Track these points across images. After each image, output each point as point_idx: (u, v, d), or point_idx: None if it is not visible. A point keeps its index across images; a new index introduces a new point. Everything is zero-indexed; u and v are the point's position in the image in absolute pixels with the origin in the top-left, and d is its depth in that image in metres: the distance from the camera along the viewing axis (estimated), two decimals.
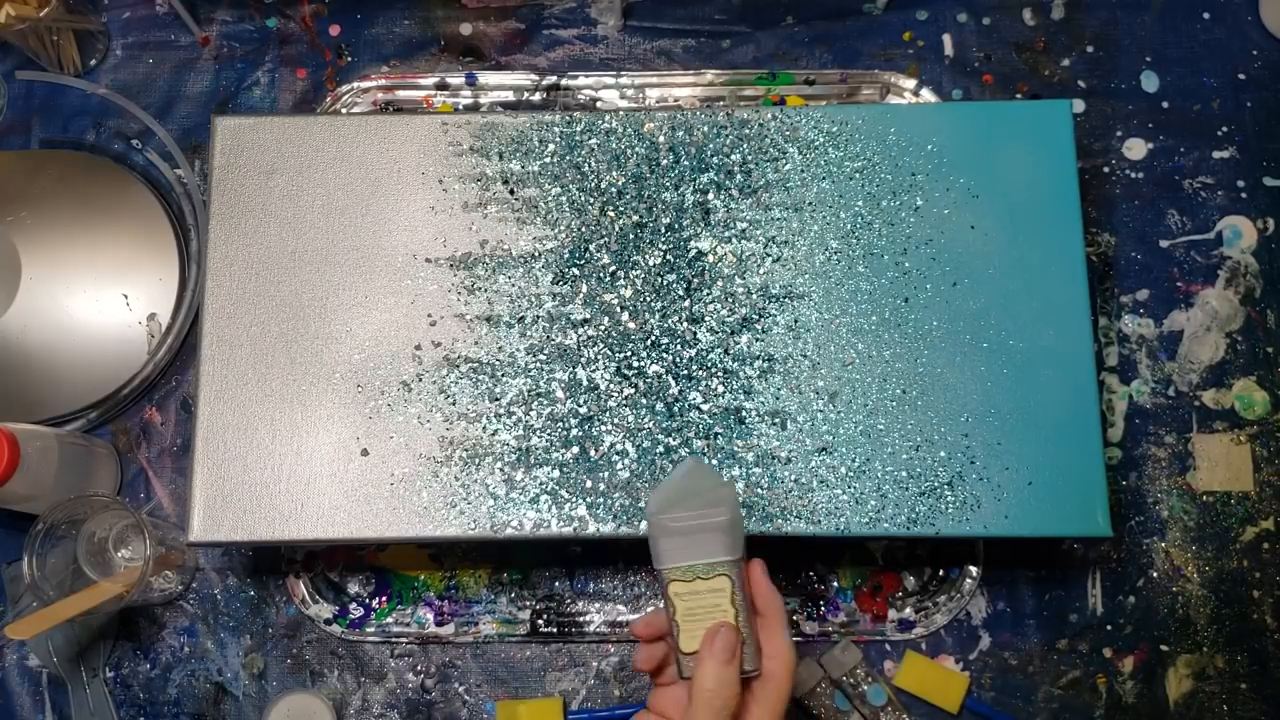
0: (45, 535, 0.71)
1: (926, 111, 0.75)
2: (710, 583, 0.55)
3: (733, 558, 0.55)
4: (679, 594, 0.55)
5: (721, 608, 0.54)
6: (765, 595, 0.56)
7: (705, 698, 0.52)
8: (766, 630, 0.55)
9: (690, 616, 0.55)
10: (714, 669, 0.52)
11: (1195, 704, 0.76)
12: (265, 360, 0.69)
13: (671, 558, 0.55)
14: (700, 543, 0.55)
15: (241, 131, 0.72)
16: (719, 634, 0.53)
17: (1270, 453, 0.79)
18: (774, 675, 0.54)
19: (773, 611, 0.55)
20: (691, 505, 0.55)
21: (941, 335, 0.69)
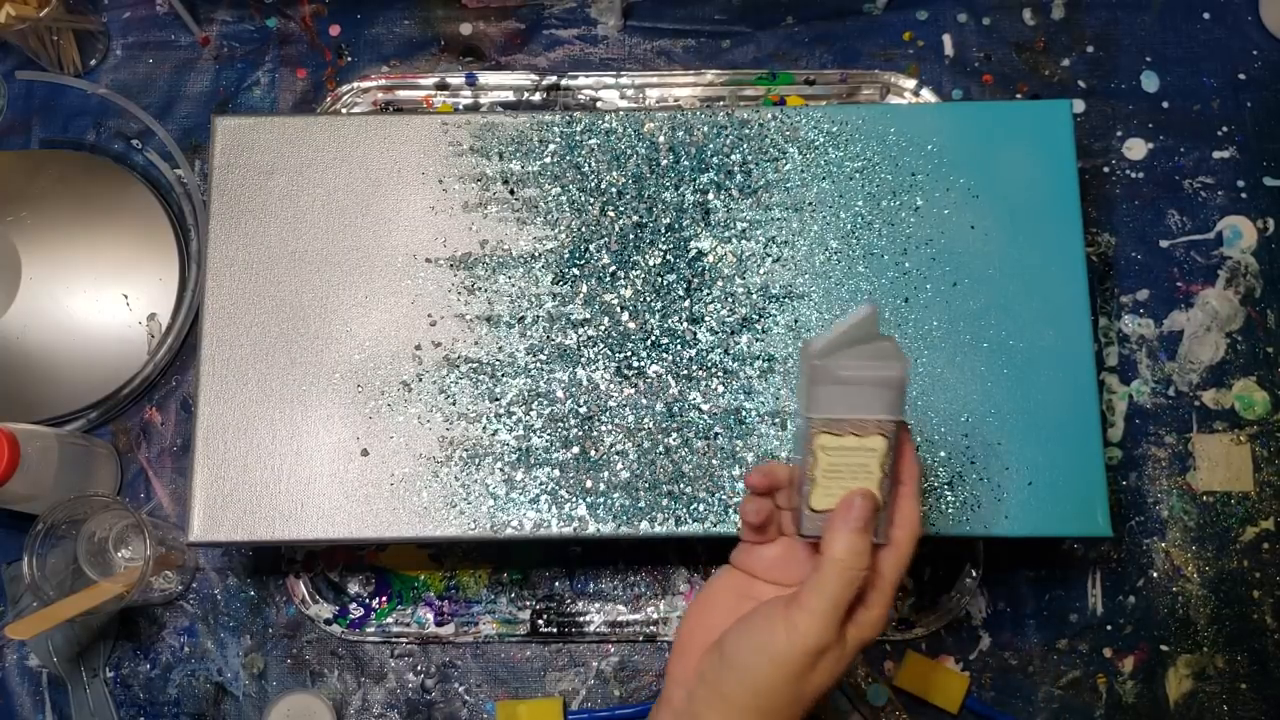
0: (45, 535, 0.71)
1: (926, 111, 0.75)
2: (864, 440, 0.50)
3: (896, 419, 0.50)
4: (826, 447, 0.50)
5: (869, 469, 0.50)
6: (909, 464, 0.51)
7: (837, 568, 0.48)
8: (902, 498, 0.51)
9: (832, 473, 0.50)
10: (848, 538, 0.48)
11: (1195, 704, 0.76)
12: (265, 360, 0.69)
13: (829, 407, 0.49)
14: (864, 396, 0.49)
15: (241, 131, 0.72)
16: (856, 502, 0.49)
17: (1270, 453, 0.79)
18: (899, 544, 0.50)
19: (911, 480, 0.51)
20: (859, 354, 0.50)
21: (941, 335, 0.69)
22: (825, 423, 0.50)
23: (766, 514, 0.53)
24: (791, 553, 0.54)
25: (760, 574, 0.54)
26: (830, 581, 0.48)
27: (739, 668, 0.49)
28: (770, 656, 0.48)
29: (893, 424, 0.50)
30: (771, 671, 0.48)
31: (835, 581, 0.48)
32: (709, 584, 0.55)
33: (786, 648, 0.48)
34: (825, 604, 0.48)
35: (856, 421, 0.50)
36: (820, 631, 0.48)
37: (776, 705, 0.49)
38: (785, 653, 0.48)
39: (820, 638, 0.48)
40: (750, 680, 0.49)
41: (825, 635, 0.48)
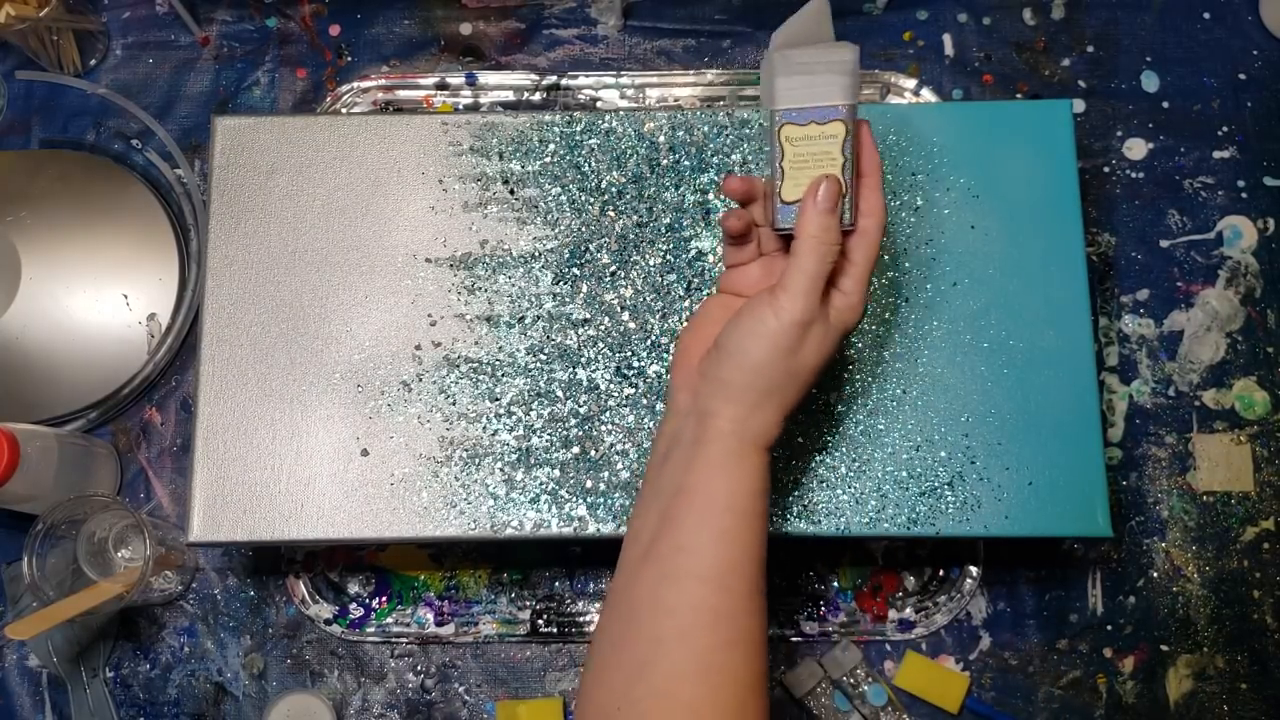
0: (45, 535, 0.71)
1: (926, 111, 0.75)
2: (825, 128, 0.54)
3: (852, 103, 0.54)
4: (791, 138, 0.54)
5: (831, 155, 0.54)
6: (870, 155, 0.56)
7: (810, 244, 0.53)
8: (865, 189, 0.56)
9: (798, 163, 0.54)
10: (817, 218, 0.53)
11: (1195, 704, 0.76)
12: (265, 360, 0.69)
13: (789, 98, 0.54)
14: (822, 84, 0.53)
15: (241, 131, 0.72)
16: (823, 184, 0.54)
17: (1270, 453, 0.79)
18: (867, 231, 0.55)
19: (873, 170, 0.56)
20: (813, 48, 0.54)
21: (941, 335, 0.69)
22: (788, 113, 0.54)
23: (746, 222, 0.58)
24: (770, 270, 0.59)
25: (745, 292, 0.59)
26: (805, 257, 0.53)
27: (736, 352, 0.54)
28: (761, 335, 0.53)
29: (849, 107, 0.54)
30: (764, 348, 0.53)
31: (809, 256, 0.53)
32: (700, 306, 0.60)
33: (775, 324, 0.53)
34: (803, 279, 0.53)
35: (816, 109, 0.54)
36: (803, 306, 0.53)
37: (774, 379, 0.54)
38: (774, 329, 0.53)
39: (803, 311, 0.53)
40: (748, 361, 0.53)
41: (808, 308, 0.53)
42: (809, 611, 0.77)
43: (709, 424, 0.54)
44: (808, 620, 0.77)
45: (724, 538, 0.52)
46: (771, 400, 0.54)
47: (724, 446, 0.54)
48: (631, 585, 0.54)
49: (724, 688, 0.51)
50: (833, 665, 0.76)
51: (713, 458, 0.54)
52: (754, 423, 0.54)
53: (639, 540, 0.55)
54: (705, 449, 0.54)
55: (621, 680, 0.52)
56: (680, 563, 0.52)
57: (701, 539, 0.53)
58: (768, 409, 0.54)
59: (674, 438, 0.56)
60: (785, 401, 0.55)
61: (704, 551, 0.52)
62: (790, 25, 0.54)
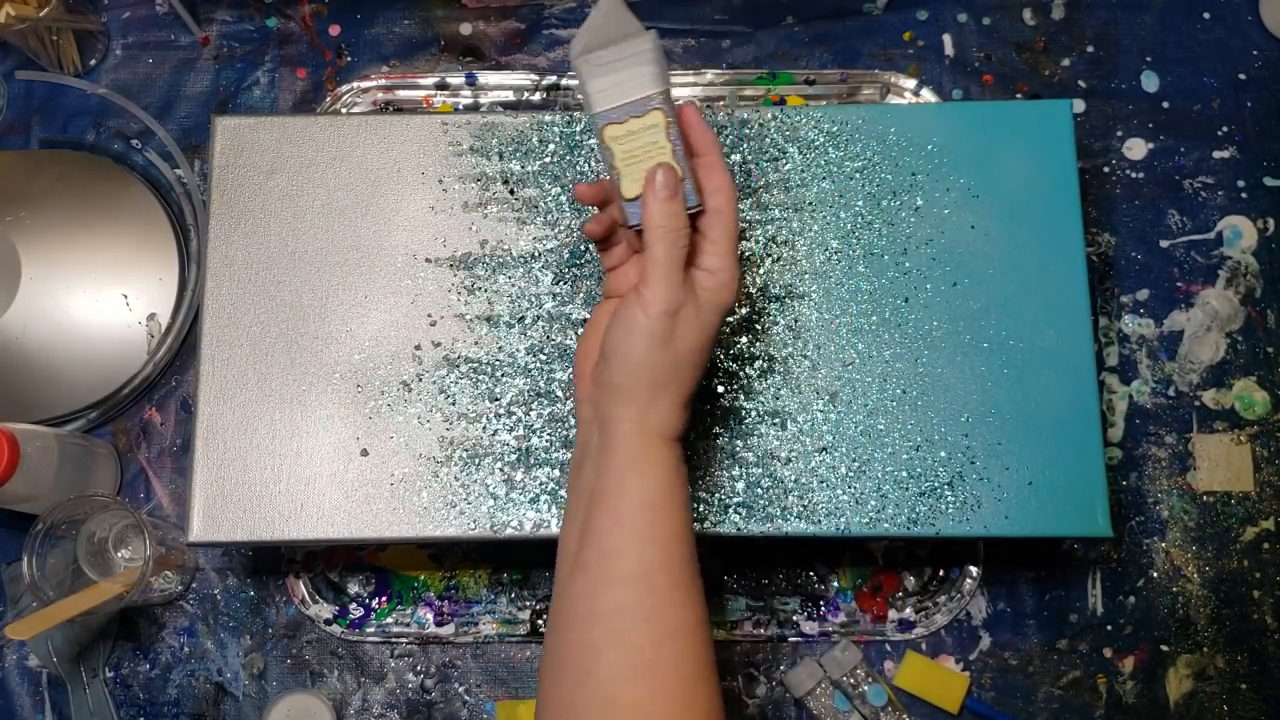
0: (45, 535, 0.71)
1: (926, 111, 0.75)
2: (644, 119, 0.54)
3: (661, 89, 0.54)
4: (615, 138, 0.55)
5: (658, 144, 0.54)
6: (699, 132, 0.56)
7: (657, 234, 0.53)
8: (706, 168, 0.56)
9: (630, 159, 0.55)
10: (658, 205, 0.53)
11: (1195, 704, 0.76)
12: (265, 360, 0.69)
13: (603, 99, 0.54)
14: (629, 79, 0.54)
15: (241, 131, 0.72)
16: (657, 176, 0.54)
17: (1270, 453, 0.79)
18: (719, 209, 0.55)
19: (709, 148, 0.56)
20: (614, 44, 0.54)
21: (941, 335, 0.69)
22: (606, 114, 0.55)
23: (606, 225, 0.59)
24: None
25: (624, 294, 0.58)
26: (655, 246, 0.53)
27: (617, 355, 0.54)
28: (636, 333, 0.53)
29: (661, 94, 0.54)
30: (641, 345, 0.53)
31: (659, 245, 0.53)
32: (591, 318, 0.60)
33: (645, 320, 0.53)
34: (659, 269, 0.53)
35: (630, 105, 0.54)
36: (664, 295, 0.53)
37: (659, 373, 0.54)
38: (645, 325, 0.53)
39: (666, 300, 0.53)
40: (630, 362, 0.54)
41: (670, 297, 0.53)
42: (809, 611, 0.77)
43: (610, 429, 0.55)
44: (808, 620, 0.77)
45: (644, 536, 0.53)
46: (664, 393, 0.54)
47: (628, 447, 0.54)
48: (565, 598, 0.54)
49: (665, 684, 0.51)
50: (833, 665, 0.76)
51: (620, 460, 0.54)
52: (652, 418, 0.54)
53: (567, 553, 0.55)
54: (611, 453, 0.54)
55: (566, 692, 0.52)
56: (606, 567, 0.53)
57: (622, 541, 0.53)
58: (663, 401, 0.54)
59: (584, 448, 0.57)
60: (679, 391, 0.55)
61: (626, 553, 0.53)
62: (587, 28, 0.54)
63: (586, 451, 0.57)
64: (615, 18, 0.54)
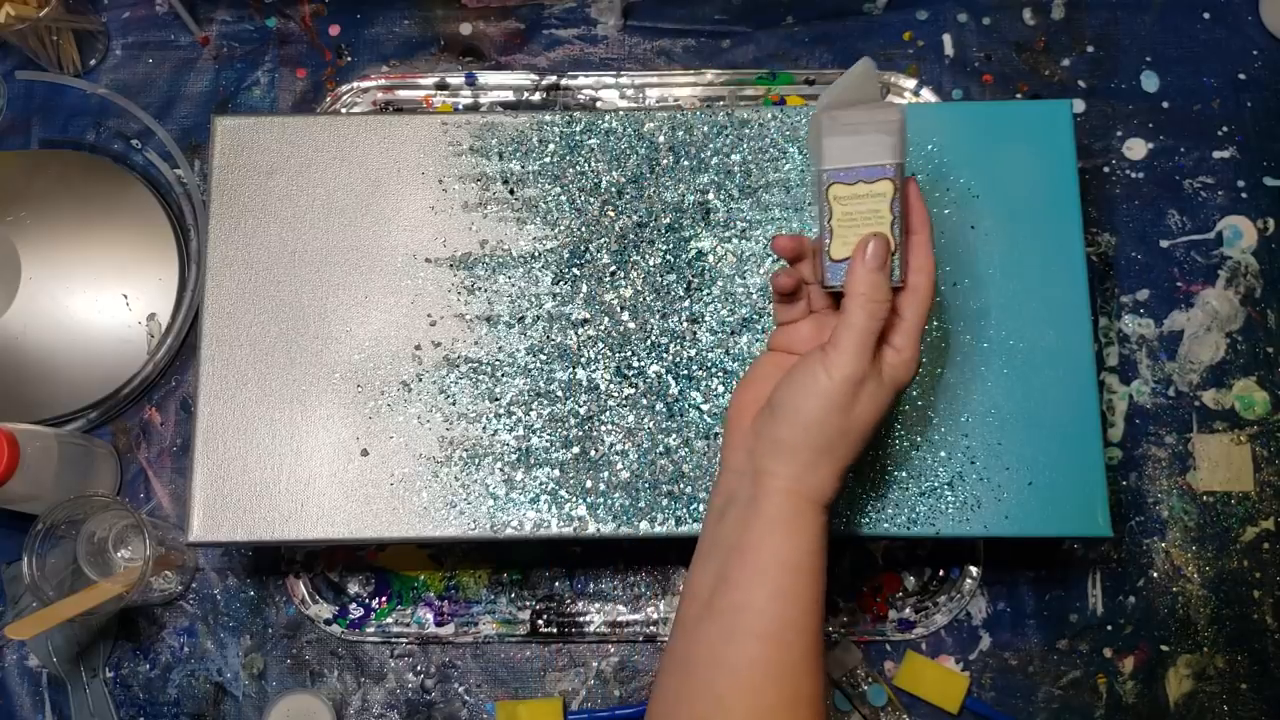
0: (45, 535, 0.71)
1: (926, 111, 0.75)
2: (873, 186, 0.54)
3: (900, 161, 0.54)
4: (839, 197, 0.54)
5: (880, 214, 0.54)
6: (918, 211, 0.56)
7: (859, 301, 0.53)
8: (914, 246, 0.56)
9: (846, 221, 0.54)
10: (867, 274, 0.53)
11: (1195, 704, 0.76)
12: (265, 360, 0.69)
13: (837, 158, 0.54)
14: (869, 144, 0.54)
15: (241, 131, 0.72)
16: (870, 244, 0.54)
17: (1270, 453, 0.79)
18: (918, 288, 0.55)
19: (922, 227, 0.56)
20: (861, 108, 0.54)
21: (941, 335, 0.69)
22: (836, 173, 0.54)
23: (796, 280, 0.58)
24: (822, 327, 0.59)
25: (797, 349, 0.59)
26: (855, 314, 0.53)
27: (789, 410, 0.54)
28: (814, 393, 0.53)
29: (897, 166, 0.54)
30: (818, 406, 0.53)
31: (860, 314, 0.53)
32: (751, 366, 0.60)
33: (827, 381, 0.53)
34: (854, 337, 0.53)
35: (863, 169, 0.54)
36: (854, 362, 0.52)
37: (828, 437, 0.53)
38: (827, 386, 0.53)
39: (855, 367, 0.52)
40: (800, 419, 0.53)
41: (859, 365, 0.53)
42: None
43: (765, 482, 0.54)
44: None
45: (782, 596, 0.52)
46: (826, 458, 0.54)
47: (780, 505, 0.53)
48: (690, 643, 0.54)
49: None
50: (833, 665, 0.76)
51: (769, 516, 0.53)
52: (810, 481, 0.54)
53: (697, 598, 0.54)
54: (761, 507, 0.54)
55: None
56: (739, 621, 0.52)
57: (760, 597, 0.52)
58: (823, 467, 0.54)
59: (730, 495, 0.56)
60: (841, 459, 0.54)
61: (762, 609, 0.52)
62: (837, 86, 0.54)
63: (731, 500, 0.56)
64: (867, 82, 0.54)
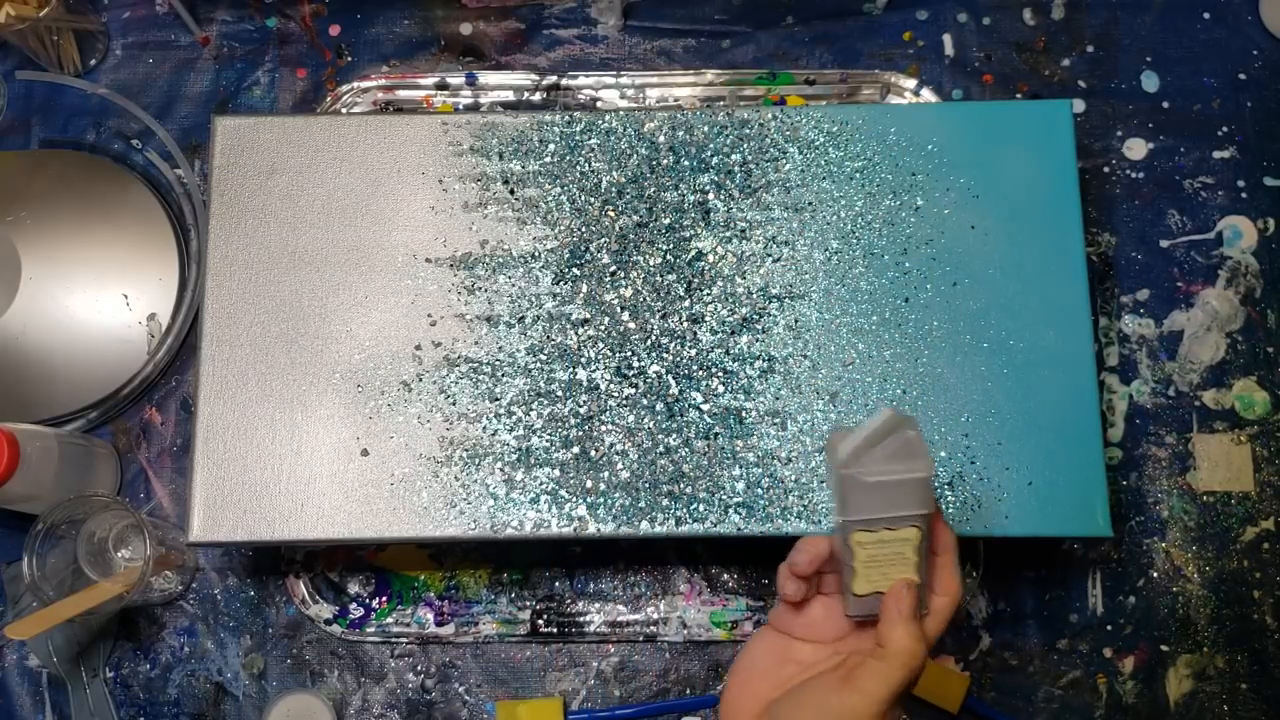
0: (45, 535, 0.71)
1: (926, 111, 0.75)
2: (897, 533, 0.52)
3: (926, 511, 0.52)
4: (862, 543, 0.53)
5: (905, 556, 0.53)
6: (943, 538, 0.54)
7: (902, 658, 0.50)
8: (939, 568, 0.54)
9: (870, 563, 0.53)
10: (907, 629, 0.51)
11: (1195, 704, 0.76)
12: (265, 360, 0.69)
13: (861, 510, 0.52)
14: (895, 496, 0.52)
15: (241, 131, 0.72)
16: (904, 593, 0.52)
17: (1270, 453, 0.79)
18: (940, 610, 0.53)
19: (946, 549, 0.54)
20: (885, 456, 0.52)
21: (941, 335, 0.69)
22: (859, 522, 0.52)
23: (807, 591, 0.55)
24: (829, 612, 0.55)
25: (798, 634, 0.55)
26: (894, 670, 0.50)
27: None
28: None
29: (923, 516, 0.52)
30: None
31: (899, 670, 0.50)
32: (748, 647, 0.57)
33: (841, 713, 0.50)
34: (884, 690, 0.50)
35: (887, 519, 0.52)
36: (877, 712, 0.50)
37: None
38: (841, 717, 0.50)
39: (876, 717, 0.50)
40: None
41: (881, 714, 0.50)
42: None
43: None
44: None
45: None
46: None
47: None
48: None
49: None
50: None
51: None
52: None
53: None
54: None
55: None
56: None
57: None
58: None
59: None
60: None
61: None
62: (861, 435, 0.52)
63: None
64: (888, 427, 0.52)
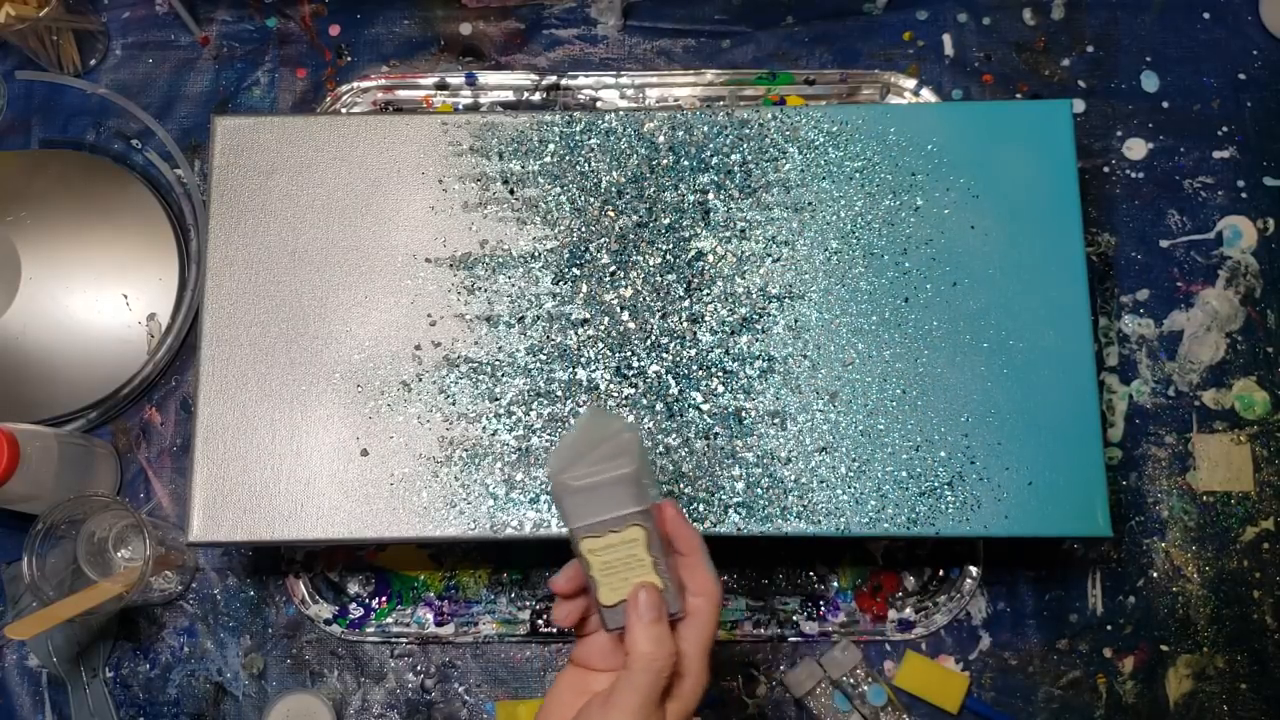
0: (45, 535, 0.71)
1: (926, 111, 0.75)
2: (623, 534, 0.52)
3: (642, 508, 0.52)
4: (592, 550, 0.53)
5: (638, 557, 0.52)
6: (683, 534, 0.54)
7: (644, 662, 0.50)
8: (689, 568, 0.53)
9: (607, 570, 0.53)
10: (645, 631, 0.51)
11: (1195, 704, 0.76)
12: (265, 360, 0.69)
13: (578, 517, 0.52)
14: (607, 497, 0.52)
15: (241, 131, 0.72)
16: (641, 596, 0.51)
17: (1270, 453, 0.79)
18: (699, 611, 0.53)
19: (692, 549, 0.53)
20: (594, 459, 0.52)
21: (941, 335, 0.69)
22: (581, 529, 0.52)
23: (579, 614, 0.55)
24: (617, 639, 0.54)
25: (596, 665, 0.55)
26: (638, 675, 0.50)
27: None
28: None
29: (640, 512, 0.52)
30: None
31: (643, 675, 0.50)
32: (553, 686, 0.56)
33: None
34: (636, 698, 0.50)
35: (606, 521, 0.52)
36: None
37: None
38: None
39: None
40: None
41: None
42: (809, 611, 0.77)
43: None
44: (808, 620, 0.77)
45: None
46: None
47: None
48: None
49: None
50: (833, 665, 0.76)
51: None
52: None
53: None
54: None
55: None
56: None
57: None
58: None
59: None
60: None
61: None
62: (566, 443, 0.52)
63: None
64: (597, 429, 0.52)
